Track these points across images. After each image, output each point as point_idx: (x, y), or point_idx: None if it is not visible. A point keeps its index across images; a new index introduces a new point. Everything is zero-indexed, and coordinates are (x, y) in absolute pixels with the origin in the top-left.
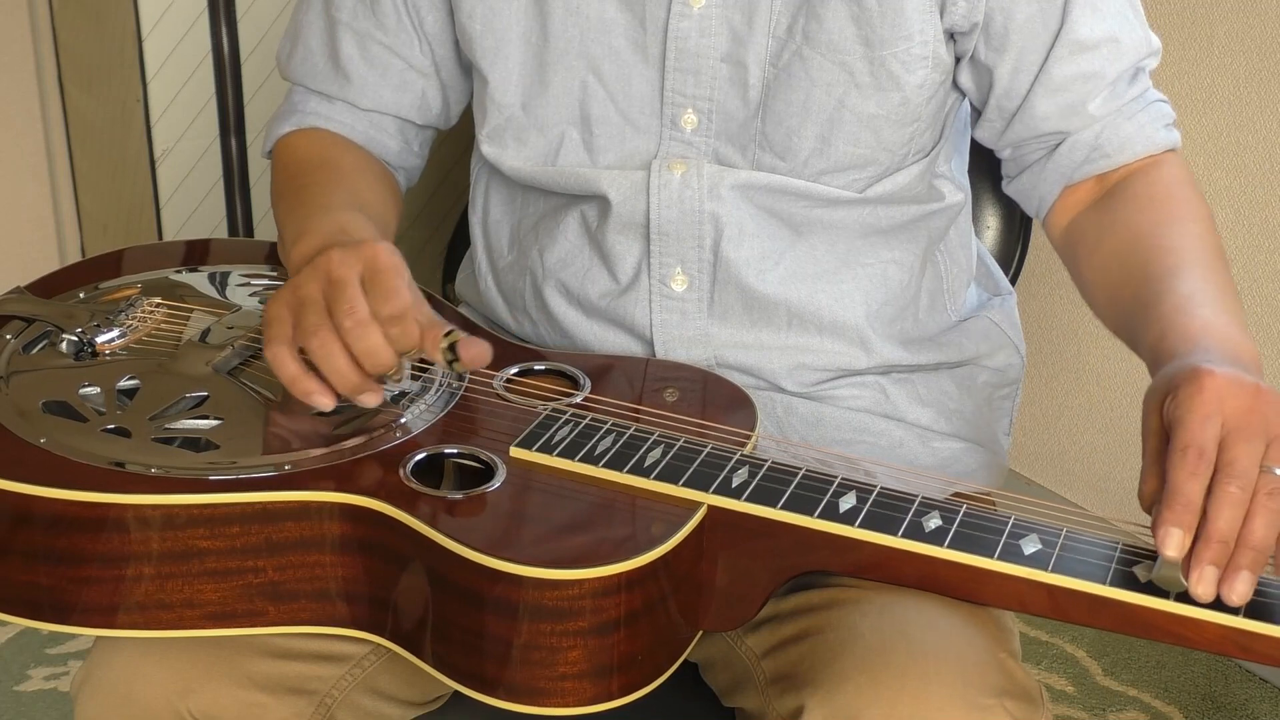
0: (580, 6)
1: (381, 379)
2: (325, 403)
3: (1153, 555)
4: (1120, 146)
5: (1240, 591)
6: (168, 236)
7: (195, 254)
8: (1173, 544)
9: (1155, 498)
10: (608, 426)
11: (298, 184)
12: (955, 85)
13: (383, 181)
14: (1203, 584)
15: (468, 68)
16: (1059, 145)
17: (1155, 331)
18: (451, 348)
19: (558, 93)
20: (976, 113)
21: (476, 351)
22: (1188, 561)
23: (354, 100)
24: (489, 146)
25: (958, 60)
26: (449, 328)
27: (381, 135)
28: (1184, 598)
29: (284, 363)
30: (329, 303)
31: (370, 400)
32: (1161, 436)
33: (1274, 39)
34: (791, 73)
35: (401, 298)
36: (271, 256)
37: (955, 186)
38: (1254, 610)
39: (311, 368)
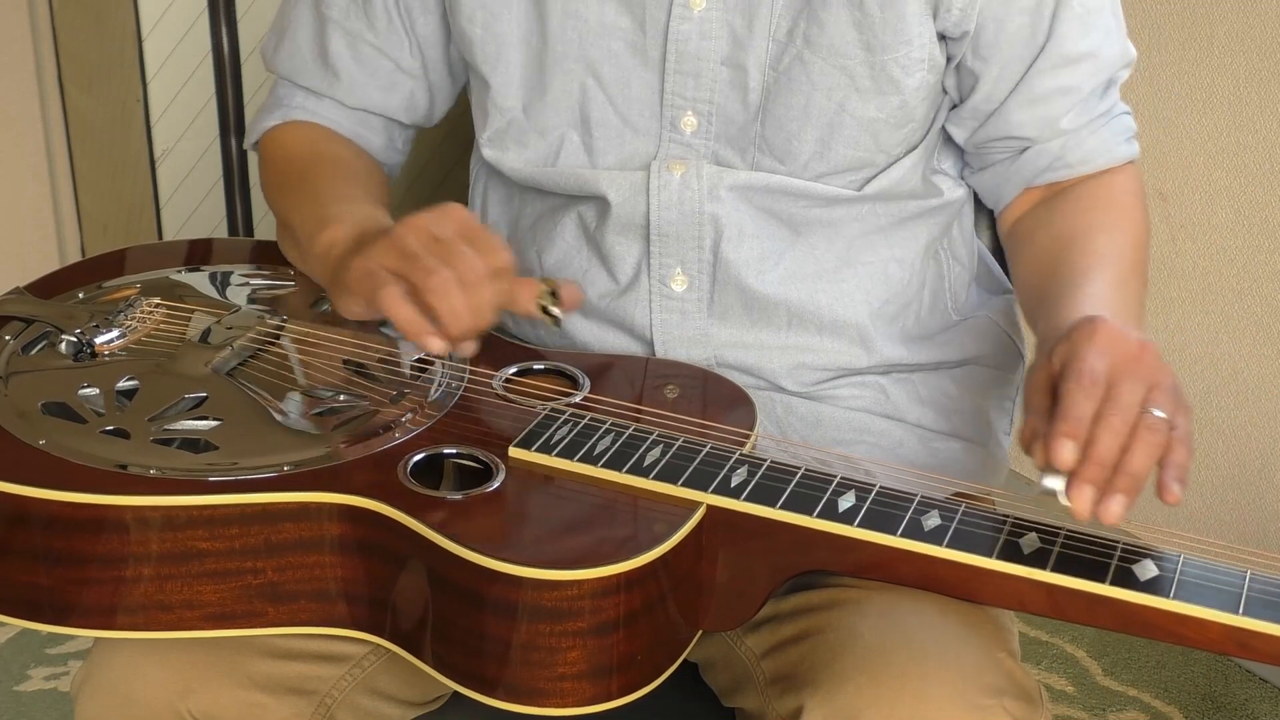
0: (579, 10)
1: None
2: (440, 346)
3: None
4: (1082, 159)
5: (1115, 512)
6: (168, 236)
7: (195, 254)
8: (1066, 453)
9: (1034, 438)
10: (607, 426)
11: (299, 176)
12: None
13: (377, 176)
14: (1081, 499)
15: (456, 70)
16: (1024, 151)
17: (1052, 322)
18: (553, 293)
19: (557, 96)
20: (950, 107)
21: (572, 290)
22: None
23: (341, 98)
24: (490, 150)
25: (948, 61)
26: (542, 277)
27: (367, 132)
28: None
29: (400, 304)
30: (442, 256)
31: (469, 349)
32: (1048, 387)
33: (1274, 39)
34: (792, 76)
35: (504, 250)
36: (272, 257)
37: (955, 183)
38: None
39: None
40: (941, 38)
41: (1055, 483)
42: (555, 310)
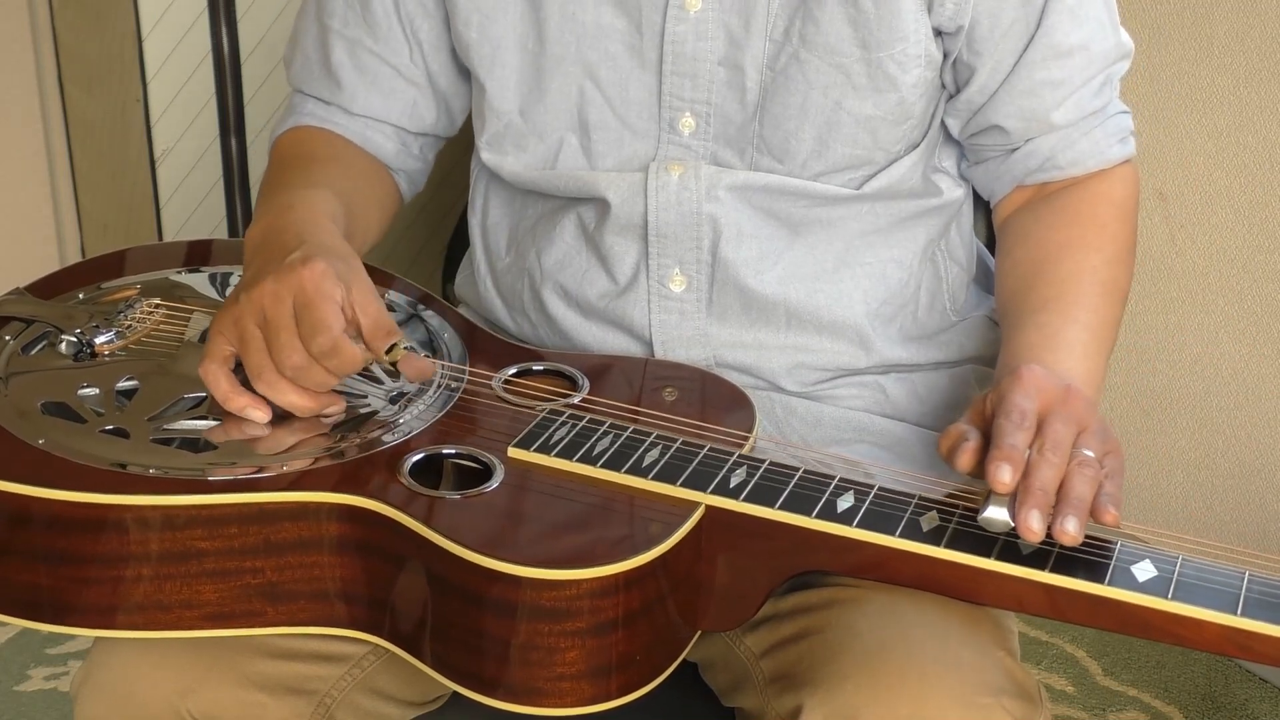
0: (576, 13)
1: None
2: (260, 416)
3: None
4: (1073, 161)
5: (1070, 532)
6: (168, 236)
7: (195, 255)
8: (1004, 474)
9: (957, 443)
10: (606, 426)
11: (275, 175)
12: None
13: (366, 171)
14: (1030, 521)
15: (467, 75)
16: (1015, 150)
17: (1009, 354)
18: (394, 364)
19: (555, 99)
20: (947, 99)
21: (417, 370)
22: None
23: (345, 105)
24: (489, 153)
25: (944, 57)
26: (394, 340)
27: (378, 137)
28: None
29: (216, 381)
30: (269, 346)
31: (335, 409)
32: (980, 424)
33: (1274, 39)
34: (789, 75)
35: (329, 331)
36: None
37: (954, 182)
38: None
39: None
40: (937, 33)
41: (998, 512)
42: (391, 375)
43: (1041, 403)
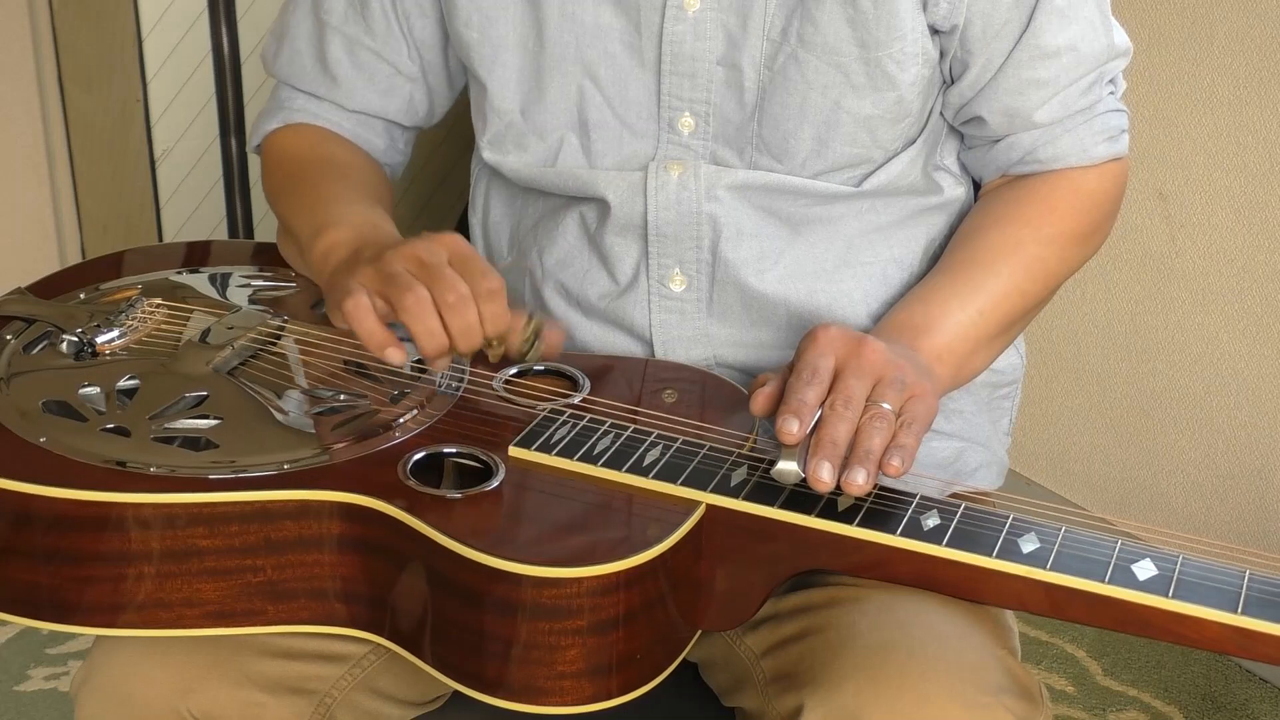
0: (575, 12)
1: (420, 365)
2: (400, 357)
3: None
4: (1054, 157)
5: (858, 483)
6: (168, 237)
7: (196, 255)
8: (790, 427)
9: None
10: (606, 426)
11: (300, 179)
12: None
13: (378, 177)
14: (819, 472)
15: (454, 72)
16: (998, 142)
17: (896, 304)
18: (537, 334)
19: (555, 99)
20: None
21: (557, 339)
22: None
23: (341, 102)
24: (490, 153)
25: (941, 55)
26: (528, 314)
27: (368, 134)
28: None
29: (364, 314)
30: (426, 280)
31: (442, 365)
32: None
33: (1274, 39)
34: (787, 75)
35: (496, 274)
36: (272, 258)
37: (956, 181)
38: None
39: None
40: (933, 32)
41: (787, 465)
42: (532, 356)
43: (836, 358)
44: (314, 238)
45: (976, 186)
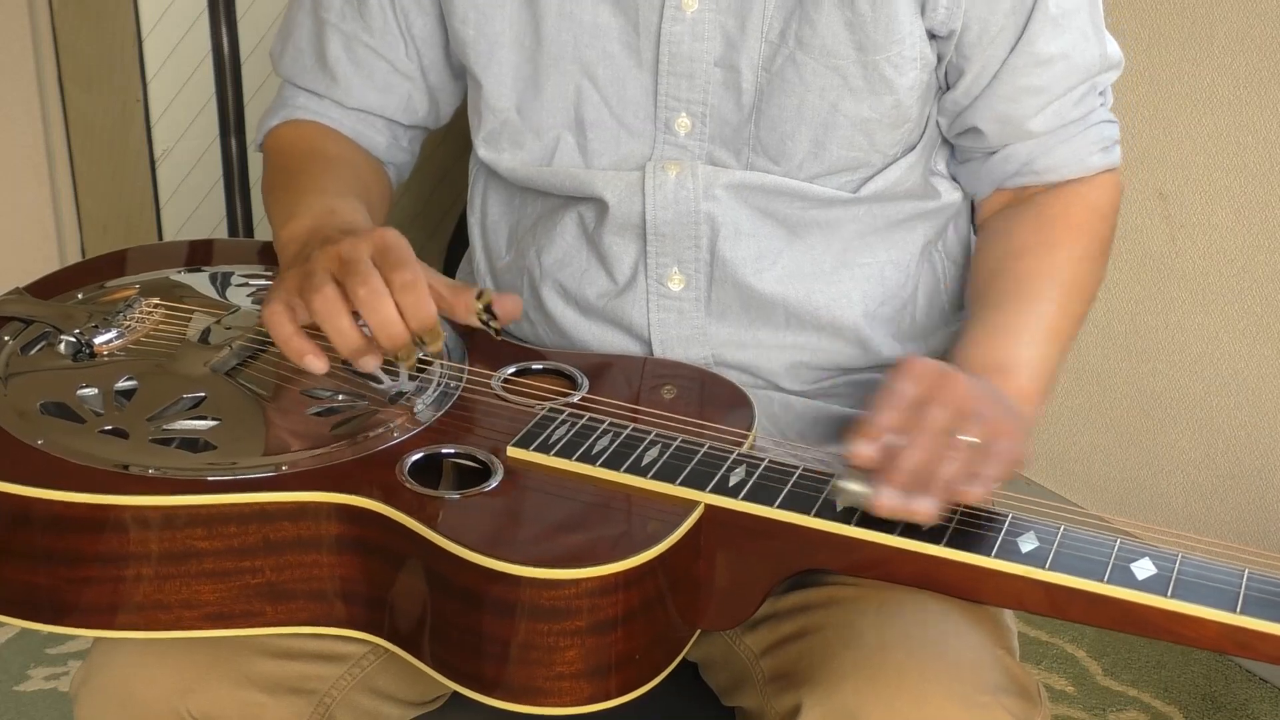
0: (573, 11)
1: (392, 363)
2: (318, 365)
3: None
4: (1050, 168)
5: (922, 510)
6: (168, 236)
7: (195, 255)
8: (859, 448)
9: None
10: (605, 426)
11: (287, 173)
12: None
13: (371, 171)
14: (886, 497)
15: (458, 71)
16: (994, 153)
17: (956, 345)
18: (487, 307)
19: (552, 97)
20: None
21: (511, 305)
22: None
23: (340, 99)
24: (485, 150)
25: (939, 60)
26: (479, 288)
27: (369, 131)
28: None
29: (280, 322)
30: (341, 277)
31: (369, 364)
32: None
33: (1274, 39)
34: (785, 77)
35: (413, 268)
36: (272, 257)
37: (952, 185)
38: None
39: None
40: (931, 36)
41: (848, 484)
42: (493, 323)
43: (922, 388)
44: (281, 227)
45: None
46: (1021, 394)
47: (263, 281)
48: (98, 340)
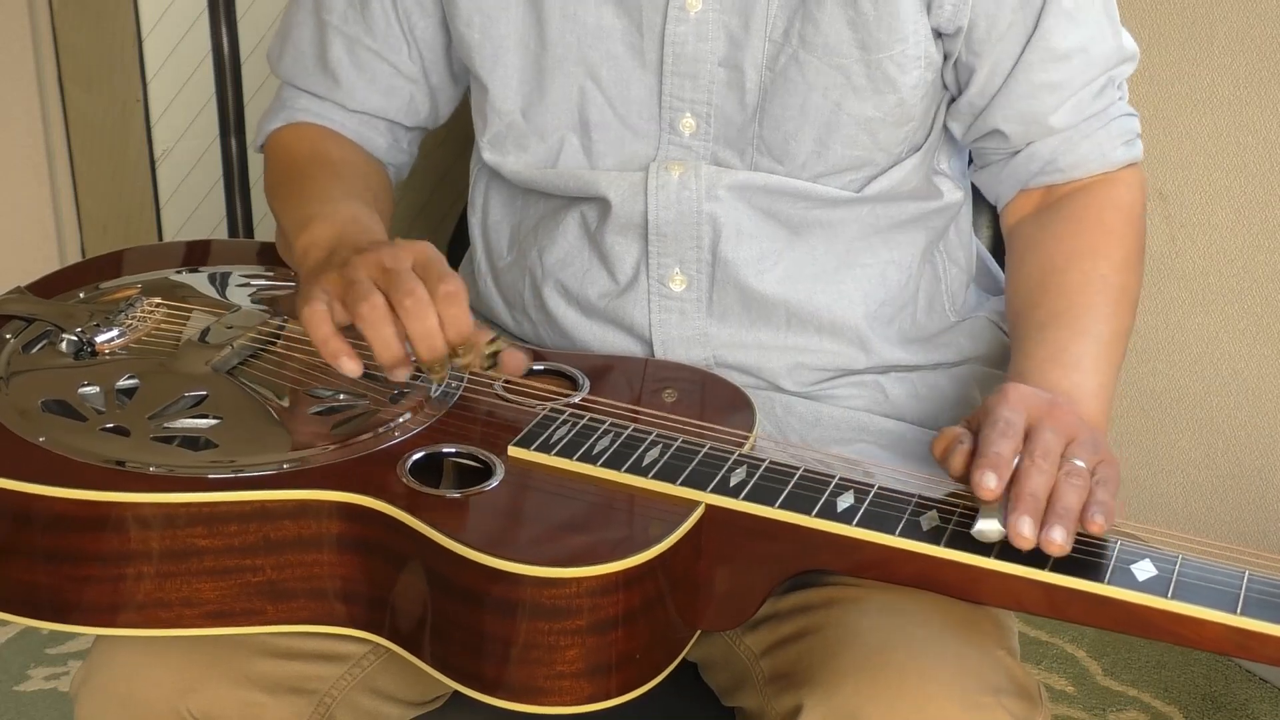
0: (577, 12)
1: (418, 374)
2: (354, 368)
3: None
4: (1074, 164)
5: (1057, 541)
6: (168, 236)
7: (195, 254)
8: (989, 482)
9: (945, 452)
10: (606, 426)
11: (294, 177)
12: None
13: (375, 174)
14: (1021, 527)
15: (458, 72)
16: (1017, 153)
17: (1017, 369)
18: (494, 354)
19: (556, 99)
20: (949, 102)
21: (516, 363)
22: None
23: (342, 102)
24: (490, 153)
25: (945, 58)
26: (494, 334)
27: (371, 133)
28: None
29: (320, 322)
30: (385, 286)
31: (402, 375)
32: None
33: (1274, 39)
34: (788, 77)
35: (456, 280)
36: (271, 257)
37: (954, 185)
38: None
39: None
40: (937, 35)
41: (988, 524)
42: (490, 370)
43: (1028, 415)
44: (297, 234)
45: (979, 198)
46: (1096, 420)
47: (263, 281)
48: (99, 339)
